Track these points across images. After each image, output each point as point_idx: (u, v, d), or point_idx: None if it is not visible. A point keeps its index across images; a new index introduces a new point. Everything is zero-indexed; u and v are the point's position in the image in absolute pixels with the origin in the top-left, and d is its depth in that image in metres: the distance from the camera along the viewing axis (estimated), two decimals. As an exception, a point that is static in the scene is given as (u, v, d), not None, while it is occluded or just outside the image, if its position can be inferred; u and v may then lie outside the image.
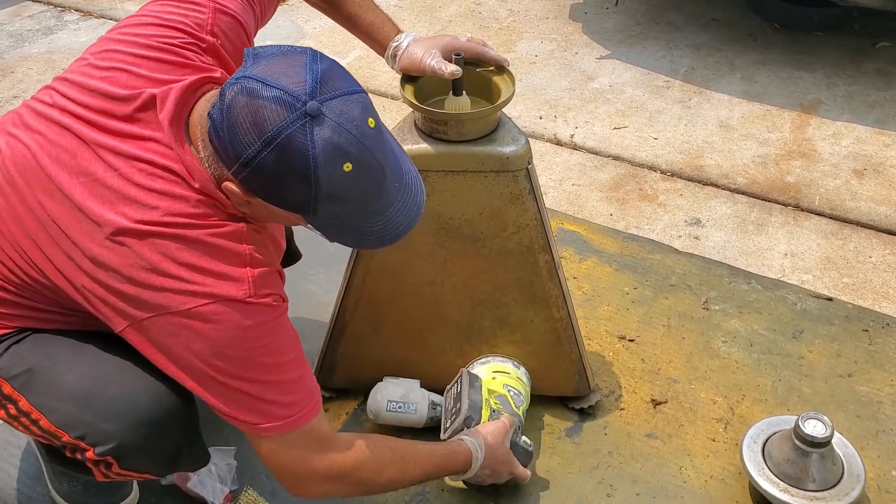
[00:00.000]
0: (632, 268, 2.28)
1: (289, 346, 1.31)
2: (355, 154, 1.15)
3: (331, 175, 1.15)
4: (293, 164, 1.13)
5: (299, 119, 1.12)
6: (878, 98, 3.04)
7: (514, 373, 1.76)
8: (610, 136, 2.90)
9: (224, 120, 1.15)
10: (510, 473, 1.64)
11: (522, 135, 1.59)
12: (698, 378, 1.96)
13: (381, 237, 1.27)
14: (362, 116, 1.18)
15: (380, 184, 1.22)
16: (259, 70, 1.15)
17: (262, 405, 1.29)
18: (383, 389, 1.76)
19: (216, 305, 1.22)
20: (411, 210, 1.28)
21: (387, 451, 1.45)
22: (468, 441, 1.57)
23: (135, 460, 1.37)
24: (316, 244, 2.36)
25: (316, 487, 1.40)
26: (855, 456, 1.68)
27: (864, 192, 2.59)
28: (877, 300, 2.19)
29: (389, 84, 3.13)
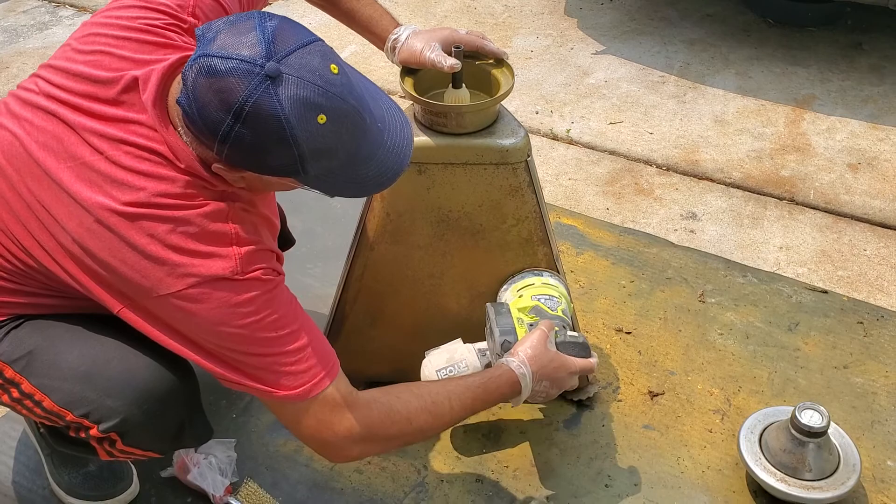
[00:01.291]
0: (628, 261, 2.29)
1: (288, 317, 1.31)
2: (326, 104, 1.15)
3: (308, 131, 1.15)
4: (268, 130, 1.14)
5: (261, 84, 1.12)
6: (872, 93, 3.06)
7: (538, 281, 1.68)
8: (606, 130, 2.91)
9: (192, 104, 1.16)
10: (572, 374, 1.55)
11: (522, 128, 1.60)
12: (695, 370, 1.98)
13: (379, 180, 1.27)
14: (323, 65, 1.17)
15: (361, 128, 1.21)
16: (213, 46, 1.15)
17: (269, 377, 1.29)
18: (428, 364, 1.66)
19: (204, 286, 1.23)
20: (401, 146, 1.28)
21: (412, 398, 1.42)
22: (507, 361, 1.50)
23: (138, 436, 1.38)
24: (313, 238, 2.38)
25: (347, 451, 1.39)
26: (851, 446, 1.69)
27: (859, 185, 2.60)
28: (871, 293, 2.21)
29: (386, 79, 3.13)
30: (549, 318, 1.60)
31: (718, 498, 1.71)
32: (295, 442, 1.79)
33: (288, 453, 1.79)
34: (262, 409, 1.86)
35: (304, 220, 2.45)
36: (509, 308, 1.63)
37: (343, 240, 1.79)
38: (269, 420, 1.84)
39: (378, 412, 1.38)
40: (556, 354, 1.53)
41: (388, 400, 1.40)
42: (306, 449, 1.79)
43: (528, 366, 1.49)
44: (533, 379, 1.50)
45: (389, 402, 1.40)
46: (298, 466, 1.77)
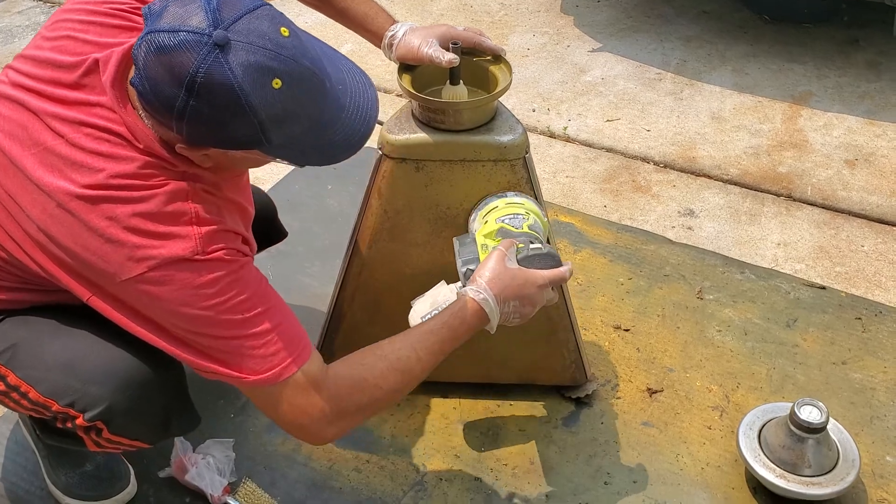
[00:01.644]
0: (626, 258, 2.29)
1: (255, 299, 1.28)
2: (279, 68, 1.13)
3: (264, 97, 1.13)
4: (223, 100, 1.12)
5: (210, 53, 1.11)
6: (868, 89, 3.06)
7: (502, 202, 1.59)
8: (603, 128, 2.91)
9: (145, 83, 1.14)
10: (541, 287, 1.46)
11: (519, 124, 1.60)
12: (693, 367, 1.98)
13: (347, 144, 1.25)
14: (273, 29, 1.15)
15: (321, 90, 1.19)
16: (160, 22, 1.14)
17: (237, 360, 1.27)
18: (413, 313, 1.60)
19: (164, 268, 1.21)
20: (366, 107, 1.25)
21: (377, 361, 1.38)
22: (465, 291, 1.44)
23: (125, 424, 1.38)
24: (311, 237, 2.38)
25: (324, 432, 1.37)
26: (850, 441, 1.69)
27: (856, 181, 2.60)
28: (869, 288, 2.21)
29: (383, 77, 3.13)
30: (514, 236, 1.51)
31: (718, 494, 1.71)
32: (293, 441, 1.79)
33: (286, 452, 1.78)
34: (260, 408, 1.86)
35: (302, 219, 2.44)
36: (474, 237, 1.56)
37: (340, 238, 1.79)
38: (267, 420, 1.82)
39: (346, 386, 1.35)
40: (519, 271, 1.45)
41: (352, 370, 1.37)
42: (304, 447, 1.79)
43: (489, 289, 1.42)
44: (497, 301, 1.43)
45: (354, 371, 1.37)
46: (297, 465, 1.76)
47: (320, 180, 2.60)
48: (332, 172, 2.63)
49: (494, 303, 1.43)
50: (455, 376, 1.88)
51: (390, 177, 1.60)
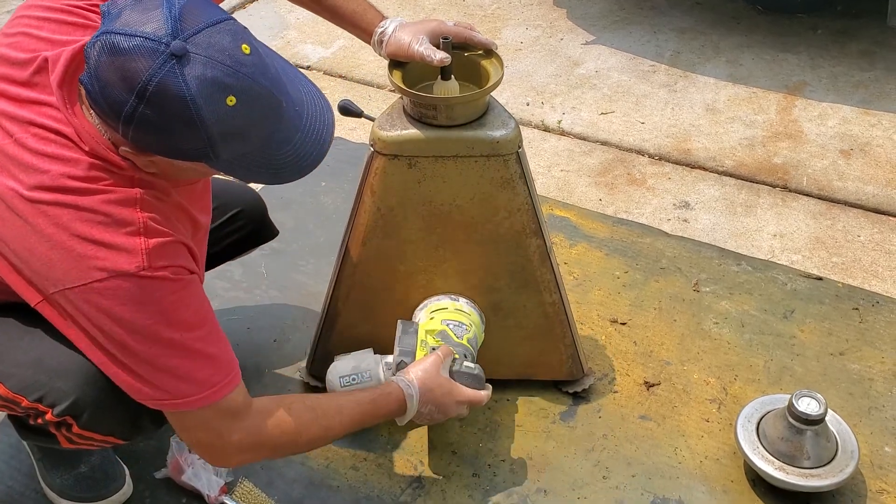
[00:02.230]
0: (622, 252, 2.28)
1: (195, 320, 1.27)
2: (235, 85, 1.11)
3: (216, 113, 1.11)
4: (174, 112, 1.10)
5: (166, 63, 1.08)
6: (863, 78, 3.05)
7: (452, 305, 1.71)
8: (597, 121, 2.90)
9: (94, 83, 1.12)
10: (459, 403, 1.58)
11: (512, 119, 1.58)
12: (691, 359, 1.97)
13: (296, 166, 1.23)
14: (234, 44, 1.13)
15: (276, 111, 1.17)
16: (117, 23, 1.11)
17: (168, 382, 1.26)
18: (333, 369, 1.69)
19: (111, 281, 1.19)
20: (321, 131, 1.24)
21: (304, 411, 1.42)
22: (397, 380, 1.54)
23: (93, 419, 1.37)
24: (305, 235, 2.37)
25: (232, 459, 1.39)
26: (848, 433, 1.69)
27: (852, 171, 2.60)
28: (866, 279, 2.20)
29: (375, 73, 3.11)
30: (453, 345, 1.63)
31: (716, 487, 1.70)
32: (290, 440, 1.78)
33: (283, 451, 1.78)
34: (256, 407, 1.85)
35: (296, 216, 2.43)
36: (418, 328, 1.66)
37: (335, 236, 1.78)
38: (264, 418, 1.83)
39: (270, 423, 1.37)
40: (447, 381, 1.57)
41: (280, 411, 1.39)
42: (301, 447, 1.78)
43: (417, 387, 1.53)
44: (419, 401, 1.53)
45: (282, 413, 1.39)
46: (294, 465, 1.75)
47: (314, 177, 2.57)
48: (326, 170, 2.61)
49: (416, 401, 1.53)
50: (451, 373, 1.87)
51: (382, 174, 1.59)
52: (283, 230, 2.36)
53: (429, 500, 1.69)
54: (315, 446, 1.49)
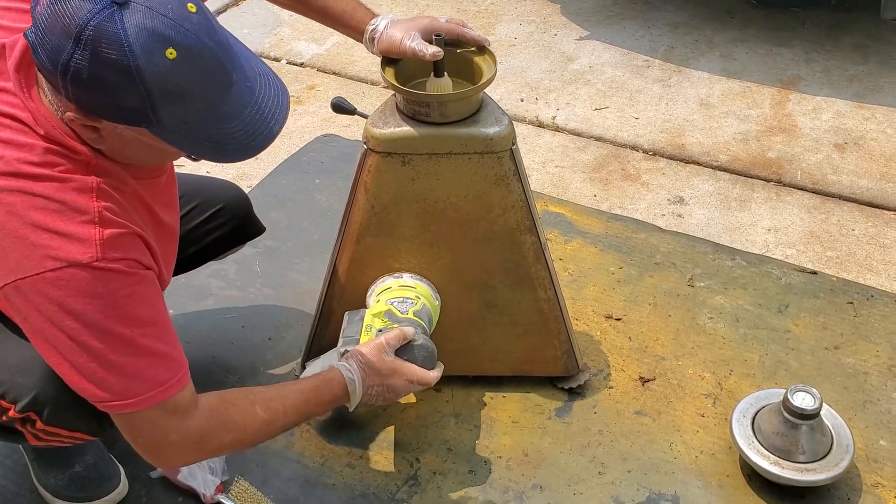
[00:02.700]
0: (617, 247, 2.28)
1: (148, 317, 1.24)
2: (176, 38, 1.08)
3: (154, 65, 1.07)
4: (109, 59, 1.07)
5: (105, 8, 1.06)
6: (857, 72, 3.05)
7: (395, 284, 1.69)
8: (591, 116, 2.90)
9: (37, 33, 1.09)
10: (409, 382, 1.57)
11: (505, 115, 1.58)
12: (686, 354, 1.97)
13: (245, 143, 1.19)
14: (179, 1, 1.11)
15: (222, 77, 1.14)
16: None
17: (117, 380, 1.23)
18: (305, 373, 1.69)
19: (64, 270, 1.17)
20: (274, 111, 1.20)
21: (248, 405, 1.40)
22: (339, 366, 1.52)
23: (55, 414, 1.36)
24: (300, 233, 2.36)
25: (175, 458, 1.38)
26: (843, 427, 1.69)
27: (846, 165, 2.60)
28: (861, 272, 2.20)
29: (368, 70, 3.11)
30: (399, 321, 1.62)
31: (712, 482, 1.70)
32: (285, 438, 1.78)
33: (278, 449, 1.78)
34: (252, 406, 1.85)
35: (290, 215, 2.43)
36: (364, 315, 1.65)
37: (329, 233, 1.77)
38: (259, 417, 1.83)
39: (215, 421, 1.35)
40: (392, 361, 1.55)
41: (224, 408, 1.37)
42: (297, 445, 1.78)
43: (358, 373, 1.51)
44: (363, 385, 1.52)
45: (226, 409, 1.37)
46: (289, 463, 1.75)
47: (308, 175, 2.59)
48: (320, 167, 2.62)
49: (359, 385, 1.51)
50: (447, 370, 1.86)
51: (376, 171, 1.59)
52: (278, 228, 2.36)
53: (425, 497, 1.69)
54: (261, 440, 1.44)
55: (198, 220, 1.80)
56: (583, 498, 1.69)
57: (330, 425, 1.83)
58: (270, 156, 2.72)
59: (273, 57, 3.33)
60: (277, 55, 3.33)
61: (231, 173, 2.51)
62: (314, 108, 2.97)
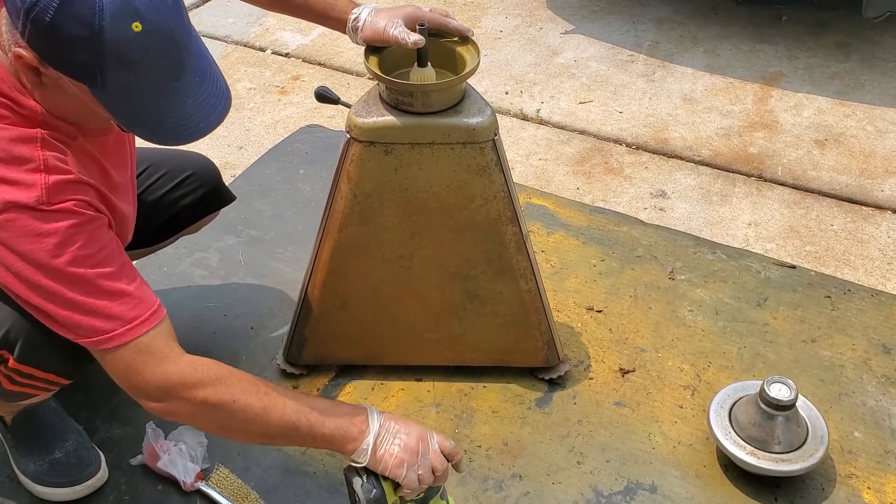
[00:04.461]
0: (598, 240, 2.30)
1: (102, 257, 1.24)
2: (146, 14, 1.11)
3: (117, 31, 1.10)
4: (77, 12, 1.09)
5: None
6: (838, 70, 3.08)
7: None
8: (575, 110, 2.91)
9: None
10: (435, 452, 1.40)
11: (488, 106, 1.59)
12: (665, 346, 1.99)
13: (176, 129, 1.22)
14: None
15: (176, 61, 1.18)
16: None
17: (79, 318, 1.23)
18: None
19: (8, 213, 1.18)
20: (212, 111, 1.24)
21: (245, 378, 1.33)
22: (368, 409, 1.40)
23: (27, 350, 1.36)
24: (283, 222, 2.36)
25: (153, 402, 1.30)
26: (819, 418, 1.71)
27: (826, 161, 2.62)
28: (839, 267, 2.23)
29: (354, 61, 3.11)
30: None
31: (689, 472, 1.72)
32: (266, 426, 1.78)
33: (259, 438, 1.78)
34: (233, 394, 1.85)
35: (274, 204, 2.43)
36: None
37: (313, 223, 1.78)
38: (240, 405, 1.83)
39: (203, 374, 1.29)
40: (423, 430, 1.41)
41: (219, 369, 1.32)
42: (278, 433, 1.78)
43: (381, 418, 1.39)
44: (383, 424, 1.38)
45: (220, 371, 1.31)
46: (270, 451, 1.76)
47: (292, 165, 2.59)
48: (304, 157, 2.62)
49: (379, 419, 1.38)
50: (428, 360, 1.88)
51: (359, 160, 1.59)
52: (261, 217, 2.36)
53: (405, 486, 1.69)
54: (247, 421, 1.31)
55: (167, 186, 1.81)
56: (561, 487, 1.70)
57: (311, 414, 1.83)
58: (254, 146, 2.72)
59: (258, 47, 3.32)
60: (262, 45, 3.33)
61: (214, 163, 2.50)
62: (299, 98, 2.97)
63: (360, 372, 1.91)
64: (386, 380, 1.90)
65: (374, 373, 1.91)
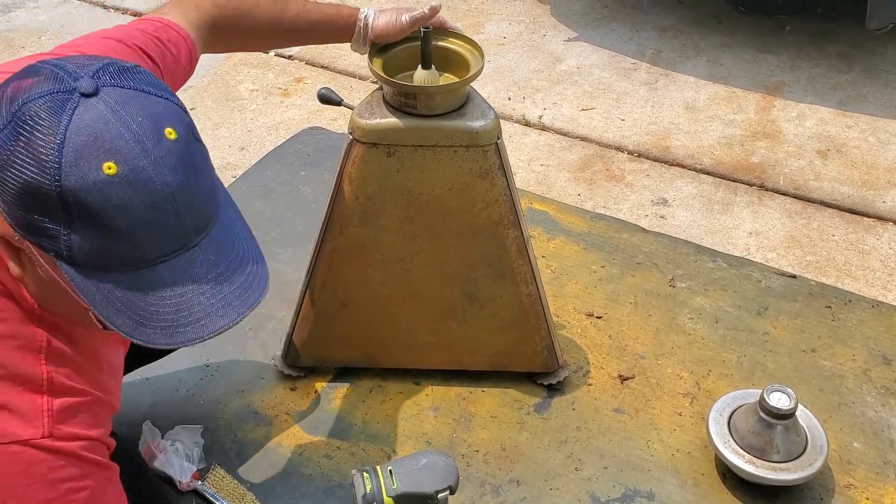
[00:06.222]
0: (599, 246, 2.29)
1: None
2: (125, 153, 0.84)
3: (81, 170, 0.83)
4: (31, 141, 0.83)
5: (63, 93, 0.85)
6: (841, 80, 3.09)
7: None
8: (578, 117, 2.91)
9: None
10: None
11: (491, 109, 1.59)
12: (665, 354, 1.98)
13: (169, 326, 0.91)
14: (158, 118, 0.88)
15: (170, 228, 0.89)
16: (58, 57, 0.93)
17: None
18: None
19: (6, 447, 0.95)
20: (237, 299, 0.96)
21: None
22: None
23: None
24: (283, 223, 2.36)
25: None
26: (818, 428, 1.71)
27: (828, 172, 2.63)
28: (839, 277, 2.23)
29: (357, 64, 3.11)
30: None
31: (687, 480, 1.72)
32: (264, 428, 1.78)
33: (256, 439, 1.77)
34: (230, 395, 1.85)
35: (275, 205, 2.43)
36: None
37: (313, 224, 1.77)
38: (237, 406, 1.83)
39: None
40: None
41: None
42: (274, 435, 1.78)
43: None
44: None
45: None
46: (267, 452, 1.75)
47: (293, 167, 2.58)
48: (306, 159, 2.61)
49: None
50: (427, 363, 1.87)
51: (361, 162, 1.59)
52: (262, 219, 2.36)
53: (402, 490, 1.69)
54: None
55: None
56: (559, 493, 1.69)
57: (308, 416, 1.83)
58: (256, 147, 2.72)
59: (261, 49, 3.32)
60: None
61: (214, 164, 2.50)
62: (301, 100, 2.97)
63: (358, 374, 1.91)
64: (384, 383, 1.90)
65: (372, 375, 1.91)
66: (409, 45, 1.60)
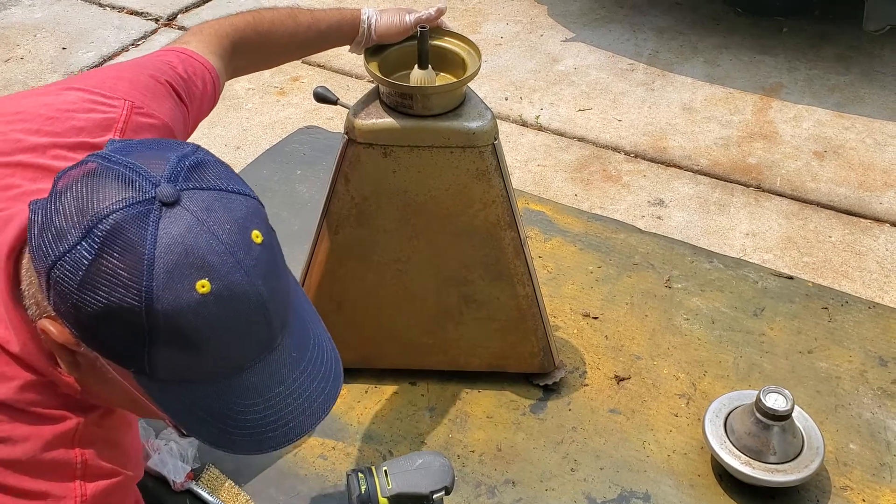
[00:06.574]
0: (596, 247, 2.29)
1: None
2: (219, 268, 0.80)
3: (174, 292, 0.78)
4: (115, 268, 0.77)
5: (142, 203, 0.78)
6: (838, 82, 3.09)
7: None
8: (575, 117, 2.91)
9: (46, 210, 0.81)
10: None
11: (489, 110, 1.58)
12: (661, 355, 1.98)
13: (256, 435, 0.87)
14: (243, 222, 0.84)
15: (261, 336, 0.85)
16: (117, 150, 0.84)
17: None
18: None
19: None
20: (315, 397, 0.90)
21: None
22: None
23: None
24: (279, 223, 2.34)
25: None
26: (815, 429, 1.70)
27: (825, 173, 2.63)
28: (836, 279, 2.23)
29: (353, 63, 3.11)
30: None
31: (683, 481, 1.71)
32: (259, 428, 1.77)
33: (251, 439, 1.77)
34: (226, 394, 1.84)
35: (270, 205, 2.39)
36: None
37: (310, 224, 1.77)
38: (233, 406, 1.82)
39: None
40: None
41: None
42: (270, 435, 1.77)
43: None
44: None
45: None
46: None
47: (289, 166, 2.58)
48: (302, 158, 2.61)
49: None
50: (423, 364, 1.87)
51: (357, 162, 1.59)
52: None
53: (397, 490, 1.68)
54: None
55: None
56: (555, 494, 1.69)
57: (304, 416, 1.82)
58: (252, 146, 2.71)
59: (258, 48, 3.31)
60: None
61: (212, 162, 2.50)
62: (298, 99, 2.97)
63: (353, 375, 1.90)
64: (380, 383, 1.89)
65: (368, 376, 1.90)
66: (406, 44, 1.59)
